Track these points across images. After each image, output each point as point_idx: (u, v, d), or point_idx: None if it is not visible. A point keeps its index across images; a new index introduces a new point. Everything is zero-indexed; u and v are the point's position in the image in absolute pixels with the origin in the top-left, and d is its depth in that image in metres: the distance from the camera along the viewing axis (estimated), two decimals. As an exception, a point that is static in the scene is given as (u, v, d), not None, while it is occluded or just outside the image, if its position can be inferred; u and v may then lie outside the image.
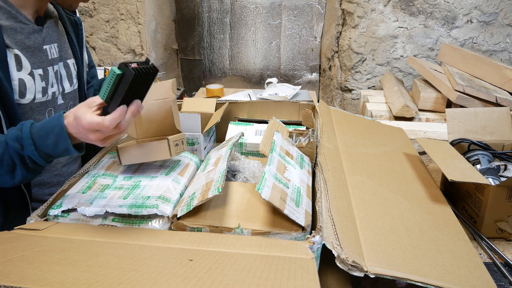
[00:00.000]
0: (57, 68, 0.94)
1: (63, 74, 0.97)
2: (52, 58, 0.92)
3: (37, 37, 0.88)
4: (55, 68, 0.93)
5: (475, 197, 0.83)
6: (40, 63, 0.88)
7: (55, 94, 0.93)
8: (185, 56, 2.70)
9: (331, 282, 0.68)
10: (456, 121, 1.06)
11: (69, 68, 0.99)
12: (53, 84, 0.92)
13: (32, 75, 0.85)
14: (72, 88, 1.00)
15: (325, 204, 0.68)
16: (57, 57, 0.94)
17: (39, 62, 0.88)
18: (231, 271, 0.50)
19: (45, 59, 0.90)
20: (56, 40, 0.94)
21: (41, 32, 0.89)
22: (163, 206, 0.70)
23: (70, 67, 0.99)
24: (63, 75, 0.97)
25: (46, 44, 0.90)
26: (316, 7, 2.45)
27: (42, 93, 0.88)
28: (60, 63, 0.96)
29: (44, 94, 0.89)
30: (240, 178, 0.86)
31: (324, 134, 0.96)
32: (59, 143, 0.71)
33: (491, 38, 2.15)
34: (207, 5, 2.53)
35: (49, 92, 0.91)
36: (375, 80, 2.31)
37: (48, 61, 0.91)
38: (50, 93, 0.91)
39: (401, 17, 2.17)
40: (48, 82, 0.90)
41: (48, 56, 0.91)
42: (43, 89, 0.89)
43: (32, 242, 0.60)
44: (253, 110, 1.22)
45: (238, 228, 0.64)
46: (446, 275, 0.60)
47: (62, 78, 0.97)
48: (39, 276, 0.47)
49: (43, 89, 0.89)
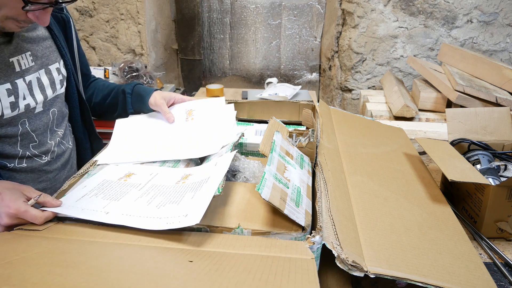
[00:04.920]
0: (31, 79, 0.89)
1: (44, 82, 0.93)
2: (23, 69, 0.88)
3: (3, 50, 0.83)
4: (27, 79, 0.88)
5: (475, 197, 0.83)
6: (6, 78, 0.84)
7: (29, 106, 0.89)
8: (185, 56, 2.70)
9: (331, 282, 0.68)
10: (456, 121, 1.06)
11: (51, 74, 0.95)
12: (25, 96, 0.88)
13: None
14: (54, 94, 0.96)
15: (325, 204, 0.68)
16: (31, 66, 0.89)
17: (5, 77, 0.84)
18: (231, 272, 0.49)
19: (12, 72, 0.85)
20: (29, 49, 0.89)
21: (8, 44, 0.84)
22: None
23: (52, 72, 0.95)
24: (45, 83, 0.93)
25: (14, 56, 0.85)
26: (316, 7, 2.45)
27: (11, 108, 0.85)
28: (40, 71, 0.92)
29: (14, 109, 0.86)
30: (240, 178, 0.85)
31: (324, 134, 0.96)
32: None
33: (491, 38, 2.15)
34: (207, 5, 2.53)
35: (21, 105, 0.87)
36: (375, 80, 2.31)
37: (16, 74, 0.86)
38: (22, 106, 0.87)
39: (401, 17, 2.17)
40: (19, 95, 0.86)
41: (16, 68, 0.86)
42: (11, 104, 0.85)
43: (32, 243, 0.60)
44: (253, 110, 1.22)
45: (238, 228, 0.64)
46: (446, 275, 0.60)
47: (45, 86, 0.92)
48: (40, 278, 0.47)
49: (12, 104, 0.85)
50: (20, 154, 0.90)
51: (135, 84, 1.14)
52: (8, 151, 0.87)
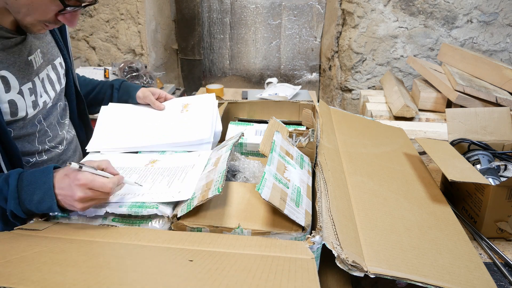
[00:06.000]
0: (43, 76, 0.90)
1: (53, 78, 0.94)
2: (38, 67, 0.88)
3: (22, 49, 0.83)
4: (40, 76, 0.89)
5: (475, 197, 0.83)
6: (29, 77, 0.85)
7: (45, 102, 0.91)
8: (185, 56, 2.70)
9: (331, 282, 0.68)
10: (456, 121, 1.06)
11: (57, 70, 0.96)
12: (42, 94, 0.89)
13: (21, 93, 0.82)
14: (61, 88, 0.98)
15: (325, 204, 0.68)
16: (42, 63, 0.90)
17: (28, 76, 0.84)
18: (231, 271, 0.50)
19: (32, 71, 0.86)
20: (39, 46, 0.90)
21: (25, 42, 0.84)
22: (163, 206, 0.70)
23: (57, 67, 0.96)
24: (53, 79, 0.94)
25: (31, 55, 0.86)
26: (316, 7, 2.45)
27: (33, 107, 0.86)
28: (48, 67, 0.92)
29: (35, 107, 0.87)
30: (240, 178, 0.85)
31: (324, 134, 0.96)
32: (44, 200, 0.68)
33: (491, 38, 2.15)
34: (207, 5, 2.53)
35: (40, 103, 0.88)
36: (375, 80, 2.31)
37: (34, 72, 0.87)
38: (41, 104, 0.88)
39: (401, 17, 2.17)
40: (37, 93, 0.87)
41: (34, 66, 0.87)
42: (33, 102, 0.86)
43: (32, 242, 0.60)
44: (253, 110, 1.22)
45: (238, 228, 0.64)
46: (446, 275, 0.60)
47: (53, 82, 0.94)
48: (39, 277, 0.47)
49: (34, 103, 0.86)
50: (39, 150, 0.92)
51: (122, 80, 1.18)
52: (29, 148, 0.89)
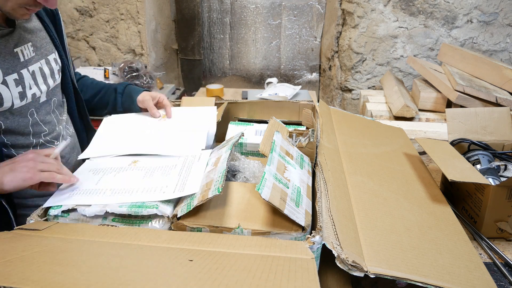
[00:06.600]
0: (34, 69, 0.91)
1: (46, 72, 0.95)
2: (26, 59, 0.90)
3: (8, 40, 0.86)
4: (30, 69, 0.90)
5: (475, 197, 0.83)
6: (14, 68, 0.86)
7: (35, 95, 0.92)
8: (185, 56, 2.70)
9: (331, 282, 0.68)
10: (456, 121, 1.06)
11: (51, 65, 0.97)
12: (31, 86, 0.90)
13: (6, 83, 0.84)
14: (55, 83, 0.99)
15: (325, 204, 0.68)
16: (32, 57, 0.92)
17: (12, 67, 0.86)
18: (231, 271, 0.50)
19: (17, 63, 0.87)
20: (30, 39, 0.92)
21: (12, 34, 0.87)
22: (163, 206, 0.70)
23: (51, 63, 0.98)
24: (46, 73, 0.95)
25: (17, 47, 0.88)
26: (316, 7, 2.45)
27: (20, 98, 0.87)
28: (41, 61, 0.94)
29: (23, 99, 0.88)
30: (240, 178, 0.85)
31: (324, 134, 0.96)
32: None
33: (491, 38, 2.15)
34: (207, 5, 2.53)
35: (28, 95, 0.89)
36: (375, 80, 2.31)
37: (20, 64, 0.88)
38: (29, 96, 0.90)
39: (401, 17, 2.17)
40: (25, 85, 0.89)
41: (21, 58, 0.88)
42: (20, 94, 0.87)
43: (32, 242, 0.60)
44: (253, 110, 1.22)
45: (238, 228, 0.64)
46: (446, 275, 0.60)
47: (46, 76, 0.95)
48: (39, 277, 0.47)
49: (21, 94, 0.87)
50: (34, 143, 0.93)
51: (126, 84, 1.19)
52: (22, 141, 0.91)
